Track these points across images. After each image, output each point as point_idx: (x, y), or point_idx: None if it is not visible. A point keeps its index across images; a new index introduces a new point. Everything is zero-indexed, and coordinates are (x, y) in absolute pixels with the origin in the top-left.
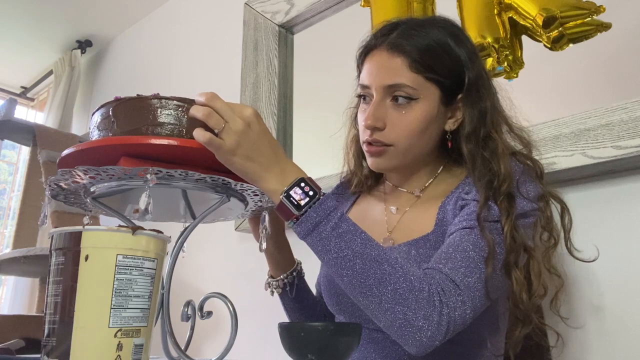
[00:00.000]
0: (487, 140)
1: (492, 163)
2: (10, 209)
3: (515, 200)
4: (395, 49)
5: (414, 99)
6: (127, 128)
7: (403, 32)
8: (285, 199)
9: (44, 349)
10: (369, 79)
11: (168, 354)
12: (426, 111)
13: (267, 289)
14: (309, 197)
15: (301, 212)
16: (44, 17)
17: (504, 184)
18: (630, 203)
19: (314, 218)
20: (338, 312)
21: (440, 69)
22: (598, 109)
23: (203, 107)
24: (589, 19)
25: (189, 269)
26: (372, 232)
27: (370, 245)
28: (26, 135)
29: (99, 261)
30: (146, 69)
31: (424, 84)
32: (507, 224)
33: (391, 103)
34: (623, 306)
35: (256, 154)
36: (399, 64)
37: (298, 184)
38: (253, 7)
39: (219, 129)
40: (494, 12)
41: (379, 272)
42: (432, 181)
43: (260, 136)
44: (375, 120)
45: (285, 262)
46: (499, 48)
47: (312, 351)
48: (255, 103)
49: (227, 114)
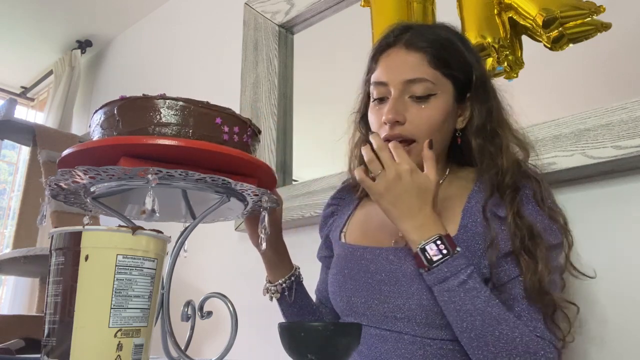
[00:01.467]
0: (493, 136)
1: (497, 158)
2: (10, 209)
3: (519, 193)
4: (413, 46)
5: (432, 94)
6: (132, 127)
7: (417, 31)
8: (420, 252)
9: (44, 349)
10: (387, 76)
11: (168, 354)
12: (444, 106)
13: (266, 294)
14: (441, 255)
15: (432, 265)
16: (44, 17)
17: (506, 176)
18: (630, 203)
19: (444, 272)
20: (348, 314)
21: (455, 65)
22: (598, 109)
23: (370, 151)
24: (589, 19)
25: (189, 269)
26: (382, 233)
27: (492, 304)
28: (26, 135)
29: (99, 261)
30: (146, 69)
31: (442, 80)
32: (511, 214)
33: (410, 99)
34: (623, 306)
35: (400, 202)
36: (418, 59)
37: (434, 241)
38: (253, 7)
39: (375, 173)
40: (494, 12)
41: (497, 332)
42: (441, 183)
43: (408, 189)
44: (396, 114)
45: (283, 267)
46: (499, 48)
47: (312, 351)
48: (255, 103)
49: (386, 163)
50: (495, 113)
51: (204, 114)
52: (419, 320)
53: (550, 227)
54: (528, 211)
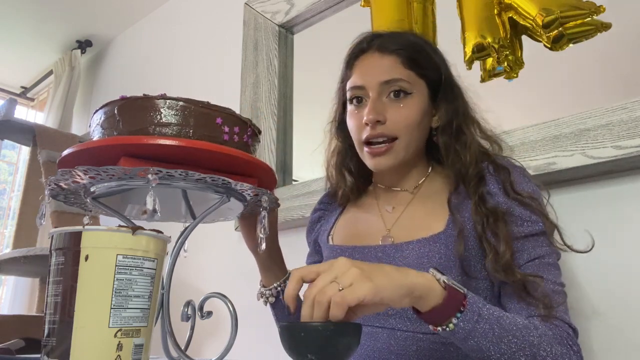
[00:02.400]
0: (459, 134)
1: (462, 154)
2: (10, 209)
3: (485, 179)
4: (386, 50)
5: (409, 94)
6: (132, 127)
7: (388, 36)
8: (448, 286)
9: (44, 349)
10: (363, 79)
11: (168, 354)
12: (420, 105)
13: (260, 298)
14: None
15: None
16: (44, 17)
17: (469, 168)
18: (630, 203)
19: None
20: None
21: (427, 66)
22: (598, 109)
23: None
24: (589, 19)
25: (189, 269)
26: (369, 231)
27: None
28: (26, 135)
29: (99, 261)
30: (146, 69)
31: (417, 80)
32: (473, 202)
33: (388, 99)
34: (623, 306)
35: (380, 269)
36: (393, 61)
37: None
38: (253, 7)
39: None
40: (494, 12)
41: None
42: (424, 180)
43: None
44: (376, 114)
45: (278, 271)
46: (499, 48)
47: (312, 351)
48: (255, 103)
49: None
50: (462, 111)
51: (205, 114)
52: (410, 316)
53: (527, 216)
54: (493, 200)
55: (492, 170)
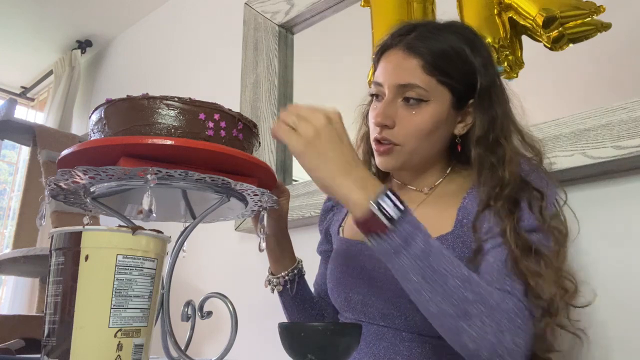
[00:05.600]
0: (495, 147)
1: (499, 170)
2: (10, 209)
3: (520, 205)
4: (411, 50)
5: (424, 101)
6: (119, 129)
7: (420, 34)
8: (377, 210)
9: (44, 349)
10: (382, 77)
11: (168, 354)
12: (436, 114)
13: (267, 286)
14: (400, 211)
15: (395, 225)
16: (44, 17)
17: (506, 188)
18: (630, 203)
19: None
20: (346, 309)
21: (454, 73)
22: (598, 109)
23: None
24: (589, 19)
25: (189, 269)
26: None
27: (460, 265)
28: (26, 135)
29: (99, 261)
30: (146, 69)
31: (436, 87)
32: (508, 228)
33: (402, 103)
34: (623, 306)
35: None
36: (414, 64)
37: (386, 193)
38: (253, 7)
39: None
40: (494, 12)
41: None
42: (441, 181)
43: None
44: (384, 118)
45: (286, 260)
46: (499, 48)
47: (312, 351)
48: (255, 103)
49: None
50: (501, 122)
51: (187, 110)
52: (417, 318)
53: (545, 240)
54: (525, 226)
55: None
